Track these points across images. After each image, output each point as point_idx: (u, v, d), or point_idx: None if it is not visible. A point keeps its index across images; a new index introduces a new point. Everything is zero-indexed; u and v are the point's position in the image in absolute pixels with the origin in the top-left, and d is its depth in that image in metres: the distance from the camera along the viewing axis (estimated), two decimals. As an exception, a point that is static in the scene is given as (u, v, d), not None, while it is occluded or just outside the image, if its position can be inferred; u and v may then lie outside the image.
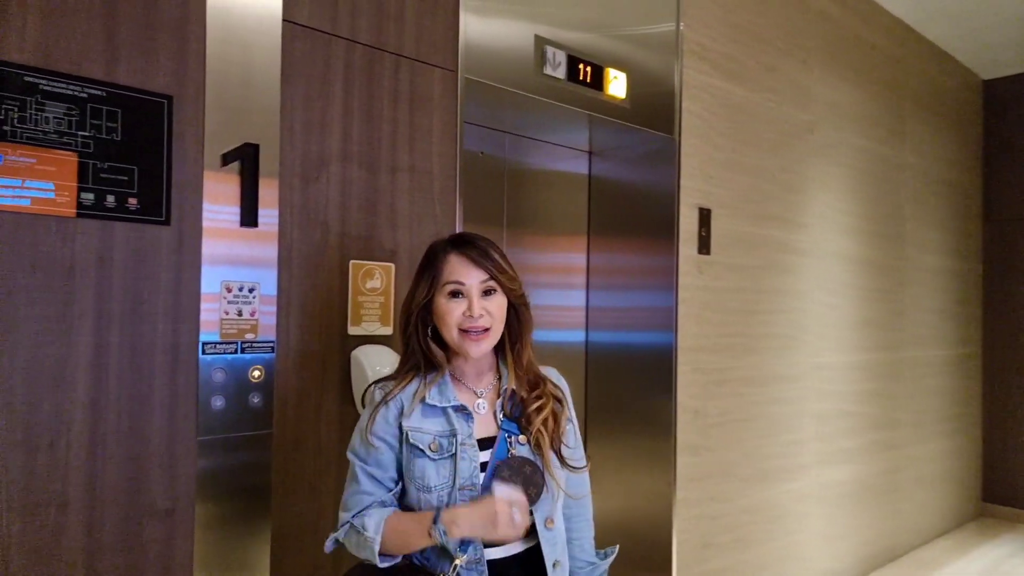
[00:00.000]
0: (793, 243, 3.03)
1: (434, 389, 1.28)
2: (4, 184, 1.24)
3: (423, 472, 1.23)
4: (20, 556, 1.24)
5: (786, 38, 2.98)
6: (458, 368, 1.33)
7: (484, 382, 1.33)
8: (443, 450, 1.24)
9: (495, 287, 1.28)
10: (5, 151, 1.23)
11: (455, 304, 1.26)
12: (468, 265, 1.27)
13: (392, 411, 1.27)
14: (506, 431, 1.28)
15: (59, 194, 1.29)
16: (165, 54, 1.40)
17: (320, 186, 1.63)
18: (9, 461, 1.23)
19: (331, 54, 1.64)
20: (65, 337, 1.29)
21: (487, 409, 1.31)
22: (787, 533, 2.98)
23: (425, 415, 1.27)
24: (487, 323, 1.26)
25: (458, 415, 1.27)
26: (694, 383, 2.55)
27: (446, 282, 1.27)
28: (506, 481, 1.21)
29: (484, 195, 2.38)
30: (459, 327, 1.26)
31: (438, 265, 1.28)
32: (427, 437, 1.24)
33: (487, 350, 1.29)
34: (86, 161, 1.31)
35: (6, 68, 1.23)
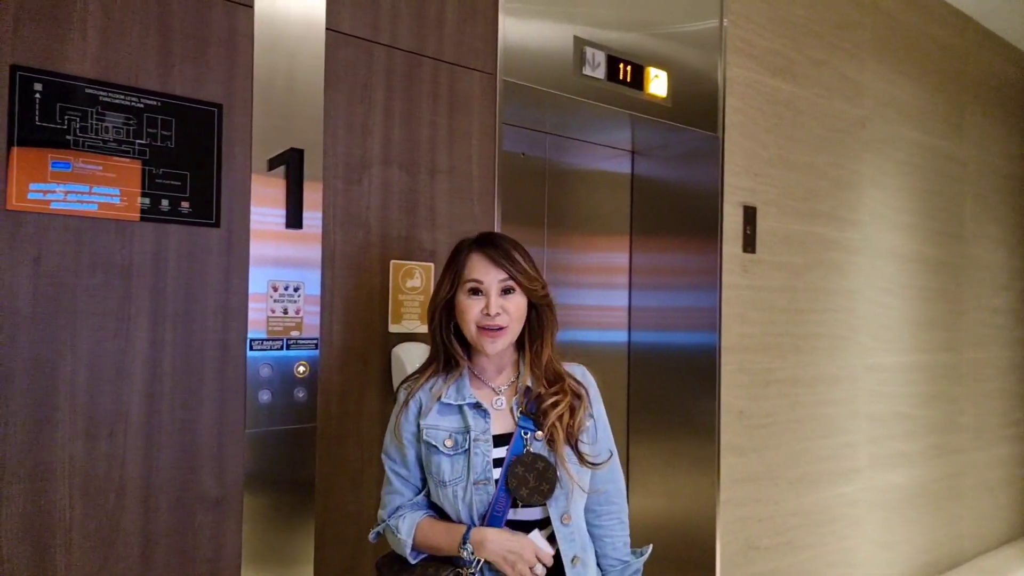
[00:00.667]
0: (844, 241, 2.96)
1: (452, 387, 1.32)
2: (74, 190, 1.33)
3: (439, 467, 1.27)
4: (82, 538, 1.32)
5: (836, 31, 2.91)
6: (479, 365, 1.36)
7: (503, 379, 1.36)
8: (457, 446, 1.28)
9: (514, 287, 1.30)
10: (74, 159, 1.32)
11: (474, 301, 1.29)
12: (488, 264, 1.30)
13: (412, 411, 1.33)
14: (522, 427, 1.30)
15: (123, 199, 1.37)
16: (215, 65, 1.48)
17: (362, 188, 1.68)
18: (73, 449, 1.32)
19: (372, 60, 1.69)
20: (123, 333, 1.37)
21: (505, 405, 1.33)
22: (838, 538, 2.91)
23: (441, 413, 1.31)
24: (503, 322, 1.29)
25: (473, 412, 1.30)
26: (738, 383, 2.52)
27: (466, 280, 1.30)
28: (520, 478, 1.24)
29: (525, 196, 2.41)
30: (477, 324, 1.29)
31: (460, 263, 1.32)
32: (442, 434, 1.29)
33: (502, 348, 1.31)
34: (147, 168, 1.39)
35: (70, 81, 1.32)
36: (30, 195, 1.28)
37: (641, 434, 2.65)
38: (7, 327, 1.26)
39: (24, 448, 1.27)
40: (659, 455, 2.59)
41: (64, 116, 1.31)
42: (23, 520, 1.27)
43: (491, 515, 1.25)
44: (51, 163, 1.30)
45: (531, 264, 1.34)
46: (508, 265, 1.30)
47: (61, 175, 1.31)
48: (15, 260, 1.27)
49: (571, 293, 2.55)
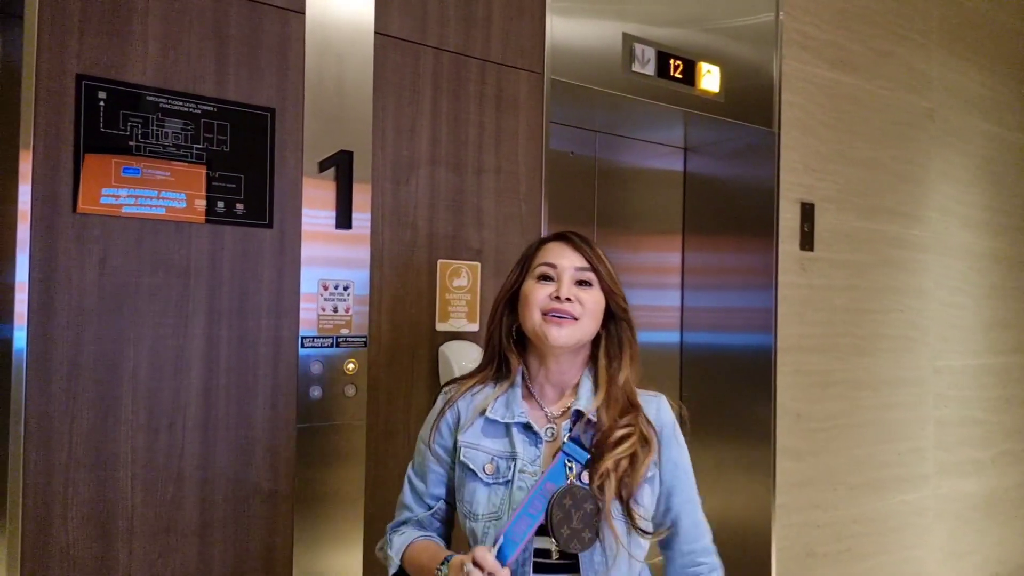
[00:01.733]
0: (910, 238, 2.84)
1: (500, 401, 1.13)
2: (143, 195, 1.39)
3: (473, 496, 1.09)
4: (143, 526, 1.39)
5: (900, 21, 2.80)
6: (536, 380, 1.16)
7: (560, 404, 1.15)
8: (499, 474, 1.09)
9: (593, 280, 1.13)
10: (140, 164, 1.39)
11: (542, 287, 1.11)
12: (563, 247, 1.14)
13: (448, 421, 1.16)
14: (568, 454, 1.05)
15: (187, 203, 1.43)
16: (268, 70, 1.52)
17: (410, 189, 1.71)
18: (135, 440, 1.38)
19: (420, 62, 1.72)
20: (182, 330, 1.43)
21: (555, 436, 1.12)
22: (903, 547, 2.80)
23: (485, 431, 1.12)
24: (575, 310, 1.09)
25: (523, 435, 1.11)
26: (795, 385, 2.45)
27: (538, 264, 1.14)
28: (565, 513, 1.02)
29: (574, 194, 2.40)
30: (542, 309, 1.10)
31: (533, 252, 1.18)
32: (483, 457, 1.10)
33: (569, 341, 1.09)
34: (198, 171, 1.45)
35: (132, 89, 1.38)
36: (102, 199, 1.35)
37: (693, 435, 2.59)
38: (74, 324, 1.33)
39: (90, 438, 1.34)
40: (712, 458, 2.54)
41: (127, 123, 1.38)
42: (88, 507, 1.34)
43: (507, 538, 0.99)
44: (121, 169, 1.37)
45: (614, 269, 1.17)
46: (589, 251, 1.13)
47: (131, 180, 1.38)
48: (83, 260, 1.34)
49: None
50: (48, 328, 1.30)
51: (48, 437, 1.30)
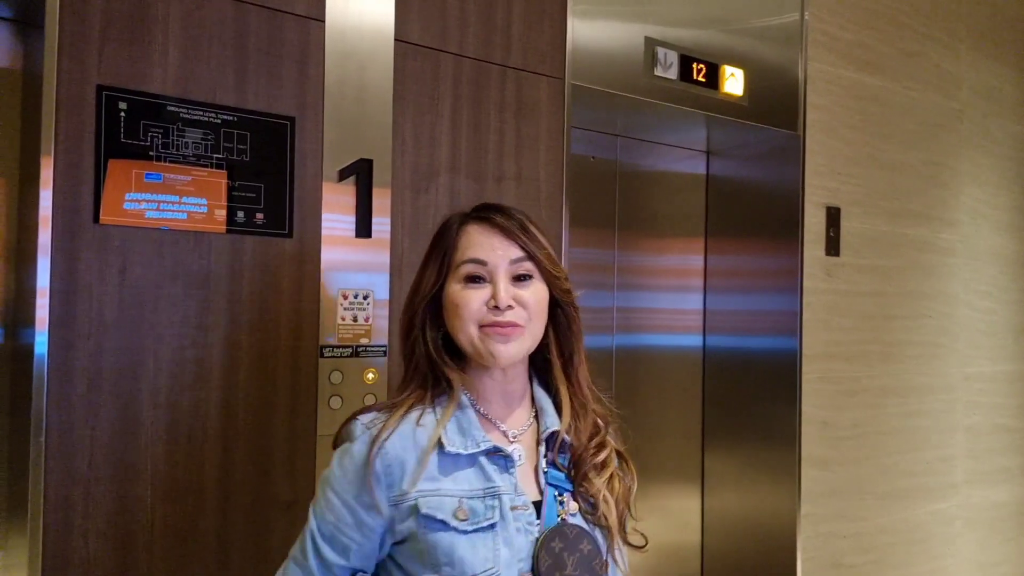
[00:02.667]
0: (939, 242, 2.78)
1: (451, 426, 0.90)
2: (164, 199, 1.39)
3: (451, 554, 0.83)
4: (164, 537, 1.38)
5: (928, 21, 2.74)
6: (480, 396, 0.96)
7: (516, 420, 0.97)
8: (477, 517, 0.86)
9: (532, 271, 0.93)
10: (163, 171, 1.38)
11: (472, 291, 0.91)
12: (492, 236, 0.92)
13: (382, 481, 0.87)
14: (554, 487, 0.91)
15: (208, 211, 1.43)
16: (288, 79, 1.51)
17: (429, 197, 1.69)
18: (154, 451, 1.38)
19: (440, 69, 1.70)
20: (202, 340, 1.42)
21: (525, 459, 0.94)
22: (932, 558, 2.74)
23: (444, 470, 0.88)
24: (519, 318, 0.91)
25: (493, 462, 0.90)
26: (821, 392, 2.41)
27: (461, 261, 0.92)
28: (556, 559, 0.86)
29: (595, 199, 2.37)
30: (479, 323, 0.90)
31: (450, 241, 0.94)
32: (450, 502, 0.86)
33: (518, 355, 0.92)
34: (217, 180, 1.44)
35: (152, 99, 1.38)
36: (125, 205, 1.35)
37: (716, 441, 2.57)
38: (95, 335, 1.33)
39: (110, 449, 1.34)
40: (735, 464, 2.50)
41: (147, 133, 1.37)
42: (109, 519, 1.34)
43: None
44: (144, 175, 1.37)
45: (550, 244, 0.97)
46: (524, 237, 0.92)
47: (153, 186, 1.37)
48: (103, 271, 1.34)
49: (644, 296, 2.50)
50: (69, 337, 1.30)
51: (69, 447, 1.30)
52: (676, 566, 2.55)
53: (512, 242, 0.92)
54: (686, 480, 2.57)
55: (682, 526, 2.57)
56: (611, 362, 2.43)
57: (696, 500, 2.59)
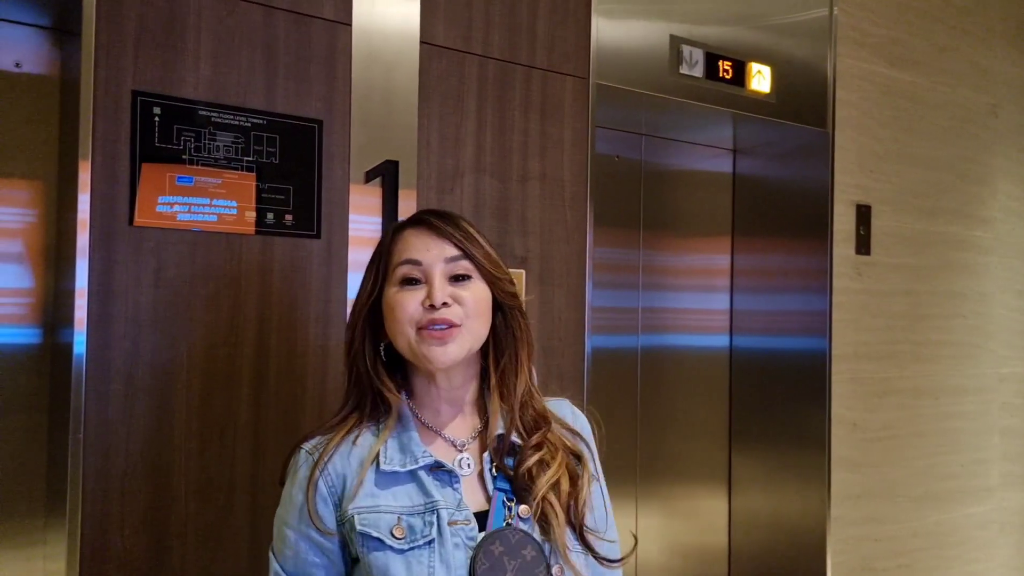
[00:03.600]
0: (973, 240, 2.73)
1: (391, 444, 0.89)
2: (196, 202, 1.42)
3: (385, 573, 0.83)
4: (196, 532, 1.41)
5: (960, 15, 2.69)
6: (426, 407, 0.94)
7: (465, 427, 0.95)
8: (415, 535, 0.85)
9: (471, 270, 0.90)
10: (195, 175, 1.41)
11: (409, 294, 0.89)
12: (424, 236, 0.90)
13: (324, 497, 0.89)
14: (501, 492, 0.90)
15: (238, 213, 1.46)
16: (316, 82, 1.54)
17: (454, 197, 1.70)
18: (188, 448, 1.41)
19: (465, 71, 1.71)
20: (233, 340, 1.45)
21: (474, 468, 0.92)
22: (966, 562, 2.69)
23: (382, 485, 0.87)
24: (455, 316, 0.88)
25: (435, 477, 0.89)
26: (851, 393, 2.38)
27: (396, 264, 0.90)
28: (495, 564, 0.84)
29: (620, 198, 2.37)
30: (416, 324, 0.88)
31: (388, 247, 0.93)
32: (388, 519, 0.85)
33: (459, 355, 0.89)
34: (247, 182, 1.47)
35: (184, 104, 1.41)
36: (157, 207, 1.38)
37: (743, 443, 2.54)
38: (130, 334, 1.36)
39: (145, 446, 1.37)
40: (763, 466, 2.48)
41: (180, 137, 1.41)
42: (145, 514, 1.37)
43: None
44: (176, 178, 1.40)
45: (492, 247, 0.94)
46: (459, 235, 0.90)
47: (185, 189, 1.41)
48: (139, 272, 1.37)
49: (670, 296, 2.49)
50: (105, 337, 1.34)
51: (106, 444, 1.34)
52: (703, 568, 2.53)
53: (447, 241, 0.90)
54: (713, 482, 2.56)
55: (708, 528, 2.55)
56: (636, 363, 2.42)
57: (723, 502, 2.57)
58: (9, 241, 1.56)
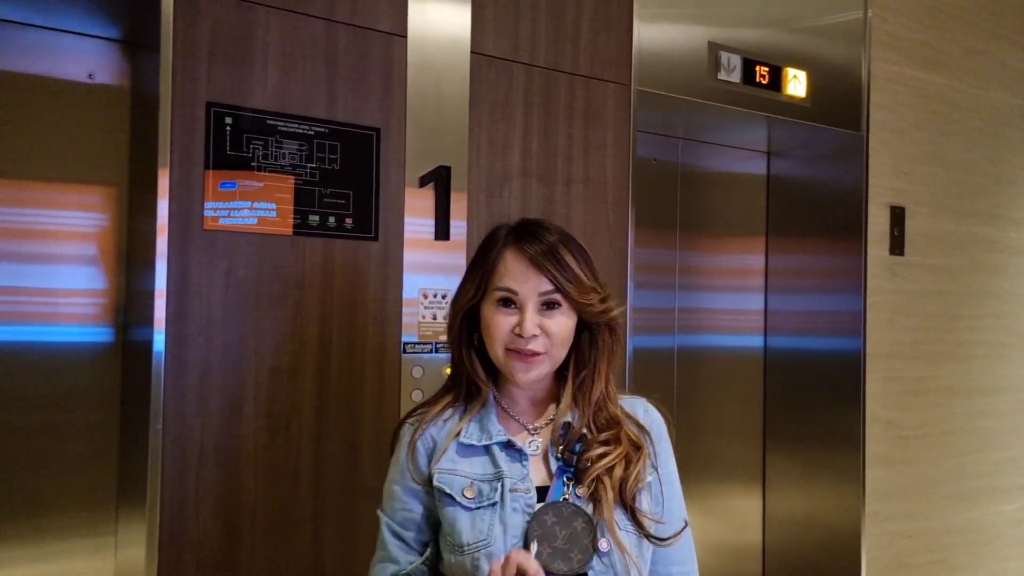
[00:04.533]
0: (1006, 241, 2.75)
1: (473, 424, 1.04)
2: (264, 207, 1.50)
3: (454, 526, 0.97)
4: (264, 519, 1.49)
5: (994, 18, 2.71)
6: (508, 395, 1.08)
7: (541, 416, 1.08)
8: (481, 497, 0.98)
9: (560, 300, 1.00)
10: (259, 181, 1.49)
11: (503, 316, 1.00)
12: (525, 267, 0.99)
13: (421, 453, 1.04)
14: (564, 472, 1.00)
15: (306, 216, 1.54)
16: (374, 92, 1.61)
17: (503, 200, 1.77)
18: (257, 438, 1.49)
19: (512, 79, 1.78)
20: (297, 336, 1.53)
21: (540, 450, 1.04)
22: (998, 559, 2.71)
23: (461, 454, 1.02)
24: (541, 346, 0.99)
25: (506, 453, 1.02)
26: (886, 392, 2.41)
27: (496, 287, 1.01)
28: (546, 530, 0.94)
29: (657, 200, 2.42)
30: (505, 345, 1.00)
31: (490, 262, 1.03)
32: (461, 481, 0.99)
33: (538, 378, 1.02)
34: (311, 188, 1.55)
35: (253, 114, 1.49)
36: (231, 212, 1.46)
37: (778, 441, 2.58)
38: (205, 332, 1.44)
39: (218, 436, 1.46)
40: (798, 464, 2.52)
41: (250, 145, 1.49)
42: (217, 500, 1.45)
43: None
44: (247, 183, 1.48)
45: (587, 267, 1.03)
46: (554, 270, 0.99)
47: (254, 193, 1.49)
48: (211, 274, 1.45)
49: (705, 297, 2.54)
50: (182, 334, 1.42)
51: (183, 434, 1.42)
52: (737, 566, 2.58)
53: (543, 276, 0.99)
54: (748, 480, 2.60)
55: (743, 526, 2.59)
56: (672, 362, 2.47)
57: (758, 500, 2.61)
58: (83, 244, 1.65)
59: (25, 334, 1.60)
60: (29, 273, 1.59)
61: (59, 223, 1.63)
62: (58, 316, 1.62)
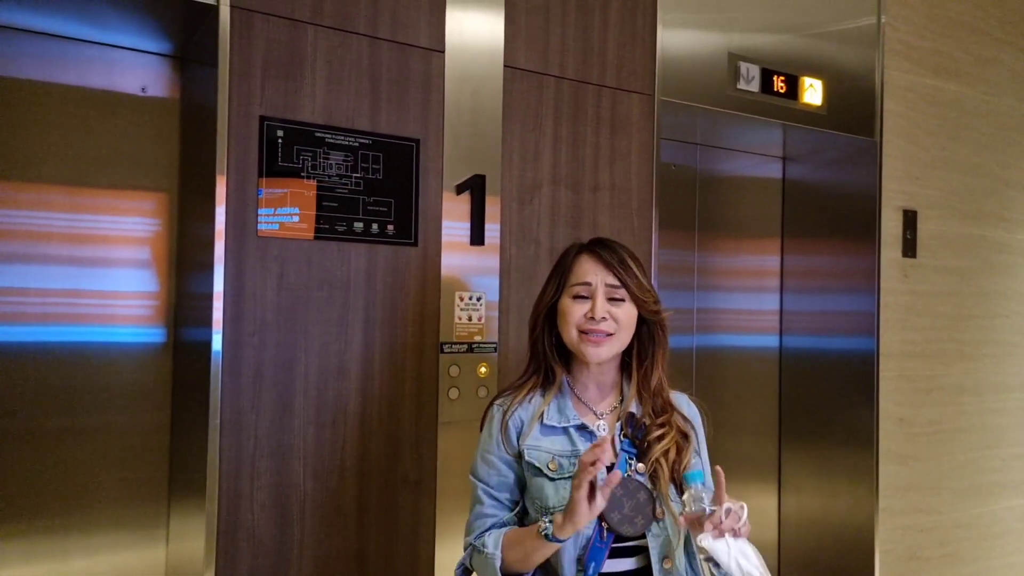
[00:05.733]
0: (1015, 243, 2.82)
1: (552, 407, 1.23)
2: (310, 214, 1.58)
3: (541, 492, 1.18)
4: (312, 509, 1.58)
5: (1004, 27, 2.78)
6: (580, 383, 1.27)
7: (605, 403, 1.27)
8: (562, 470, 1.19)
9: (624, 296, 1.21)
10: (307, 190, 1.58)
11: (578, 304, 1.20)
12: (596, 264, 1.22)
13: (511, 430, 1.24)
14: (626, 452, 1.20)
15: (350, 223, 1.62)
16: (414, 105, 1.70)
17: (533, 207, 1.85)
18: (306, 434, 1.58)
19: (543, 91, 1.86)
20: (343, 337, 1.62)
21: (606, 432, 1.23)
22: (1007, 553, 2.78)
23: (544, 434, 1.22)
24: (610, 328, 1.19)
25: (580, 434, 1.22)
26: (898, 390, 2.49)
27: (572, 283, 1.22)
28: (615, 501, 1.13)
29: (676, 204, 2.50)
30: (579, 328, 1.20)
31: (567, 265, 1.25)
32: (546, 456, 1.20)
33: (607, 356, 1.22)
34: (355, 196, 1.63)
35: (303, 127, 1.58)
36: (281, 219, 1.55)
37: (793, 438, 2.66)
38: (259, 332, 1.53)
39: (270, 431, 1.54)
40: (812, 461, 2.60)
41: (299, 157, 1.57)
42: (270, 492, 1.54)
43: (591, 548, 1.14)
44: (296, 193, 1.56)
45: (644, 275, 1.25)
46: (619, 269, 1.21)
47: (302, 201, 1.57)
48: (264, 277, 1.54)
49: (723, 297, 2.61)
50: (238, 335, 1.51)
51: (238, 429, 1.51)
52: (751, 557, 2.65)
53: (610, 271, 1.21)
54: (763, 478, 2.68)
55: (759, 522, 2.66)
56: (691, 361, 2.55)
57: (773, 496, 2.68)
58: (136, 248, 1.74)
59: (81, 335, 1.69)
60: (85, 276, 1.68)
61: (113, 228, 1.72)
62: (113, 317, 1.71)
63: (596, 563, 1.14)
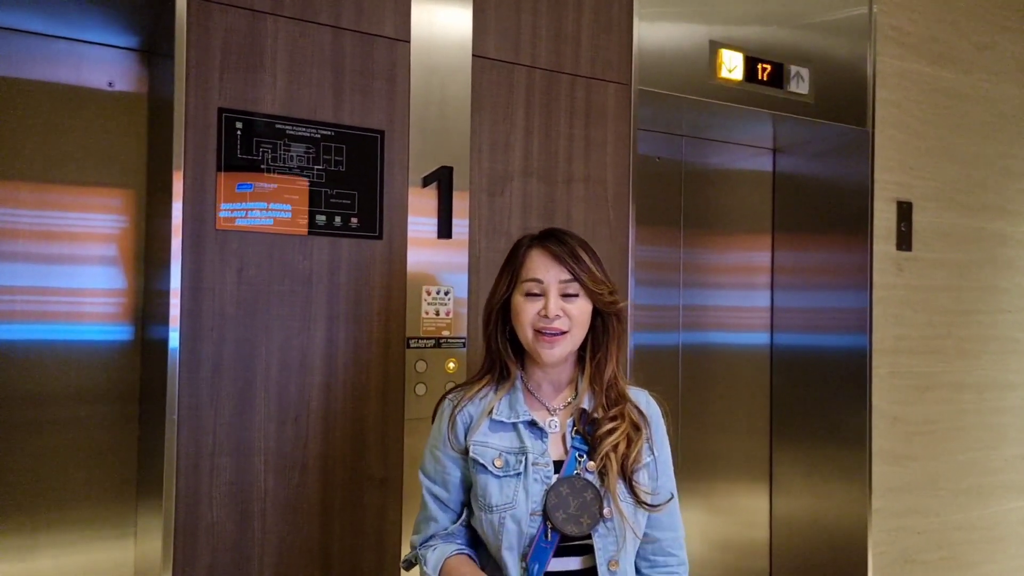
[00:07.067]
0: (1016, 235, 2.73)
1: (504, 403, 1.20)
2: (274, 208, 1.56)
3: (485, 489, 1.15)
4: (274, 507, 1.56)
5: (1003, 11, 2.70)
6: (534, 379, 1.24)
7: (559, 398, 1.24)
8: (508, 467, 1.15)
9: (577, 290, 1.18)
10: (269, 182, 1.56)
11: (531, 303, 1.17)
12: (548, 261, 1.18)
13: (459, 426, 1.21)
14: (576, 449, 1.17)
15: (311, 219, 1.60)
16: (379, 96, 1.67)
17: (504, 199, 1.82)
18: (267, 430, 1.56)
19: (514, 81, 1.83)
20: (306, 332, 1.60)
21: (558, 429, 1.21)
22: (1009, 556, 2.70)
23: (493, 429, 1.19)
24: (563, 325, 1.17)
25: (529, 431, 1.19)
26: (892, 388, 2.42)
27: (524, 279, 1.19)
28: (561, 500, 1.12)
29: (661, 198, 2.46)
30: (533, 327, 1.17)
31: (518, 260, 1.21)
32: (492, 452, 1.17)
33: (561, 356, 1.19)
34: (317, 189, 1.61)
35: (263, 119, 1.56)
36: (241, 212, 1.53)
37: (784, 438, 2.60)
38: (218, 327, 1.51)
39: (230, 428, 1.52)
40: (804, 460, 2.54)
41: (259, 148, 1.55)
42: (229, 489, 1.52)
43: (535, 548, 1.11)
44: (255, 185, 1.55)
45: (599, 266, 1.21)
46: (572, 263, 1.17)
47: (262, 195, 1.55)
48: (224, 272, 1.52)
49: (710, 294, 2.56)
50: (196, 330, 1.49)
51: (196, 425, 1.49)
52: (744, 562, 2.60)
53: (563, 266, 1.18)
54: (754, 477, 2.62)
55: (750, 522, 2.61)
56: (677, 360, 2.50)
57: (764, 497, 2.63)
58: (104, 245, 1.73)
59: (49, 333, 1.68)
60: (52, 273, 1.67)
61: (81, 225, 1.71)
62: (81, 315, 1.70)
63: (540, 563, 1.12)
